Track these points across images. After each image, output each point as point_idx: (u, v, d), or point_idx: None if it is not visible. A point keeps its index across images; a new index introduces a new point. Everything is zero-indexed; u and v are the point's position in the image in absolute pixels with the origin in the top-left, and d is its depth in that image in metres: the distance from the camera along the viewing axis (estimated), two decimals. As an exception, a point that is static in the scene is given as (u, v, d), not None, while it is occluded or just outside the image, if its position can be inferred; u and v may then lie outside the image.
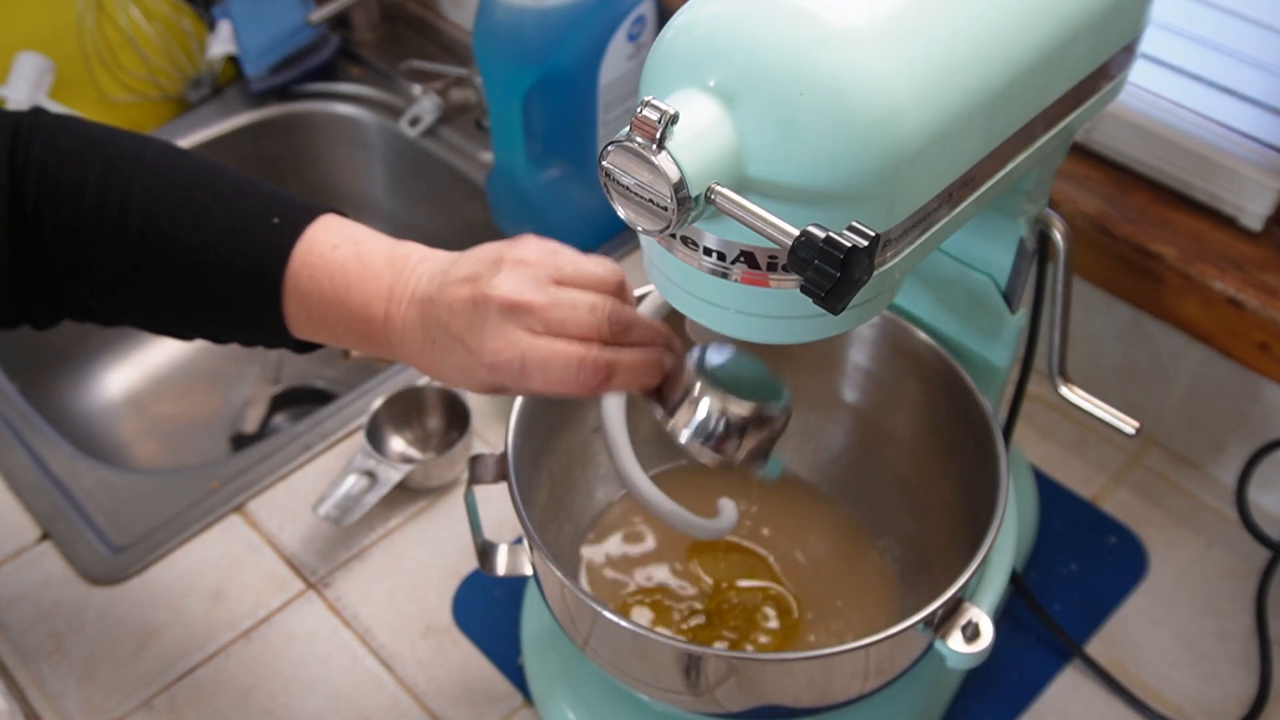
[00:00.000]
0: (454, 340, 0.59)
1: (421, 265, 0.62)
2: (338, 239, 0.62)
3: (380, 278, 0.61)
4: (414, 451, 0.97)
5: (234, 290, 0.62)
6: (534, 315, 0.57)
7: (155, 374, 1.27)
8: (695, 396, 0.63)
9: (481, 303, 0.57)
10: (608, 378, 0.58)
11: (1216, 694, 0.81)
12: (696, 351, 0.64)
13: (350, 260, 0.61)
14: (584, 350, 0.57)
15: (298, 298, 0.62)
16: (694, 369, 0.64)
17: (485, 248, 0.61)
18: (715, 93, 0.48)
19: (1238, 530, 0.87)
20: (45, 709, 0.81)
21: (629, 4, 1.00)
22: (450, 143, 1.27)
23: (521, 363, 0.57)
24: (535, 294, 0.57)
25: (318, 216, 0.63)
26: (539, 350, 0.57)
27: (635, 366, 0.59)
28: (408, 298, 0.61)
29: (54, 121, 0.63)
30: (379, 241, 0.63)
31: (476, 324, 0.58)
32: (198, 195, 0.62)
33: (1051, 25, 0.54)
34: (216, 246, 0.61)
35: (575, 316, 0.58)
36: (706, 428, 0.63)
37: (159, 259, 0.61)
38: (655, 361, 0.60)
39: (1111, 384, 0.95)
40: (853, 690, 0.66)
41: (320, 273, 0.61)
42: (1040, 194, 0.67)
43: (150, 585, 0.88)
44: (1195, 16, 0.81)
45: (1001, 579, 0.70)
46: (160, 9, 1.31)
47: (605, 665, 0.69)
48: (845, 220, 0.44)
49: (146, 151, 0.63)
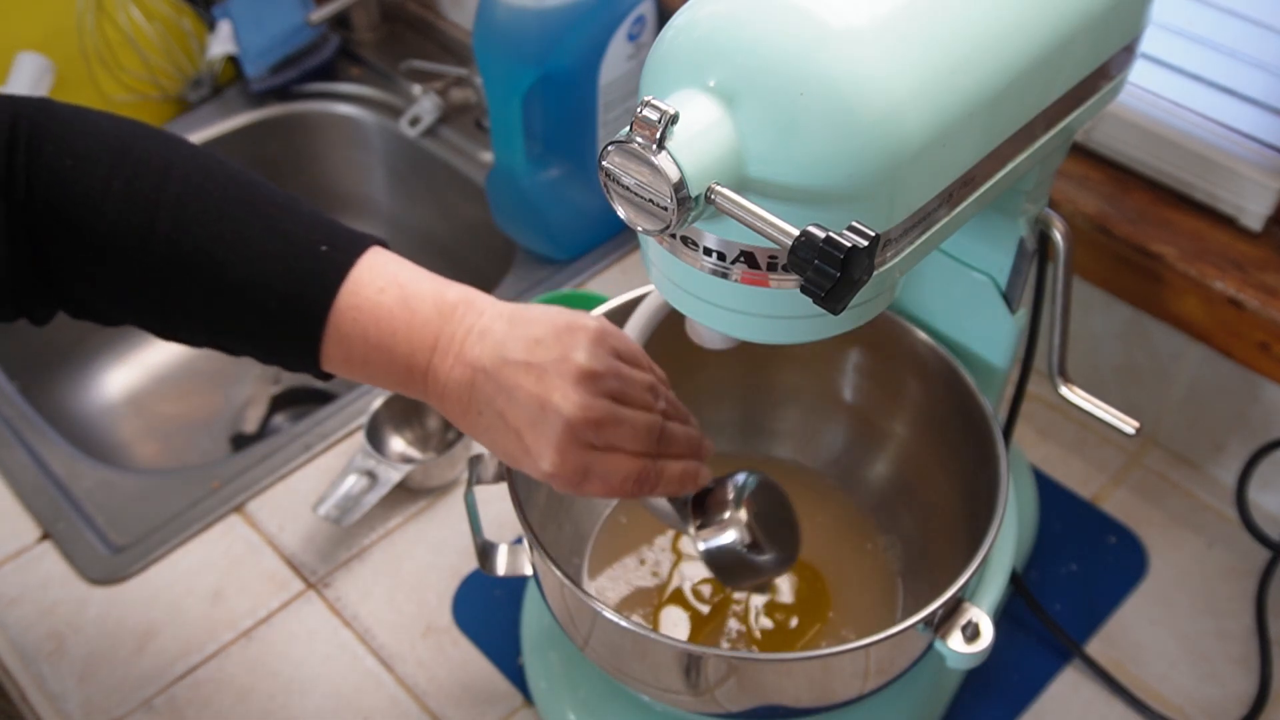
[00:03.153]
0: (508, 429, 0.60)
1: (469, 316, 0.61)
2: (383, 281, 0.60)
3: (427, 327, 0.60)
4: (414, 451, 0.97)
5: (271, 317, 0.60)
6: (599, 435, 0.59)
7: (155, 374, 1.27)
8: (726, 521, 0.69)
9: (549, 409, 0.58)
10: (654, 488, 0.62)
11: (1216, 694, 0.81)
12: (743, 477, 0.70)
13: (397, 306, 0.60)
14: (640, 466, 0.61)
15: (339, 339, 0.60)
16: (734, 498, 0.69)
17: (542, 319, 0.60)
18: (715, 93, 0.48)
19: (1238, 530, 0.87)
20: (45, 709, 0.81)
21: (629, 4, 1.00)
22: (450, 143, 1.27)
23: (584, 476, 0.60)
24: (601, 414, 0.59)
25: (364, 249, 0.61)
26: (600, 465, 0.60)
27: (676, 478, 0.64)
28: (454, 353, 0.60)
29: (66, 118, 0.60)
30: (424, 285, 0.61)
31: (539, 429, 0.59)
32: (234, 209, 0.60)
33: (1051, 25, 0.54)
34: (256, 268, 0.59)
35: (635, 434, 0.61)
36: (723, 556, 0.69)
37: (189, 275, 0.59)
38: (694, 473, 0.65)
39: (1111, 384, 0.95)
40: (853, 690, 0.66)
41: (365, 316, 0.60)
42: (1040, 194, 0.67)
43: (150, 585, 0.88)
44: (1195, 16, 0.81)
45: (1001, 579, 0.70)
46: (160, 9, 1.31)
47: (605, 665, 0.69)
48: (845, 220, 0.44)
49: (175, 157, 0.60)
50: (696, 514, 0.69)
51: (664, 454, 0.63)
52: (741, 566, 0.69)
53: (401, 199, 1.36)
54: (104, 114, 0.62)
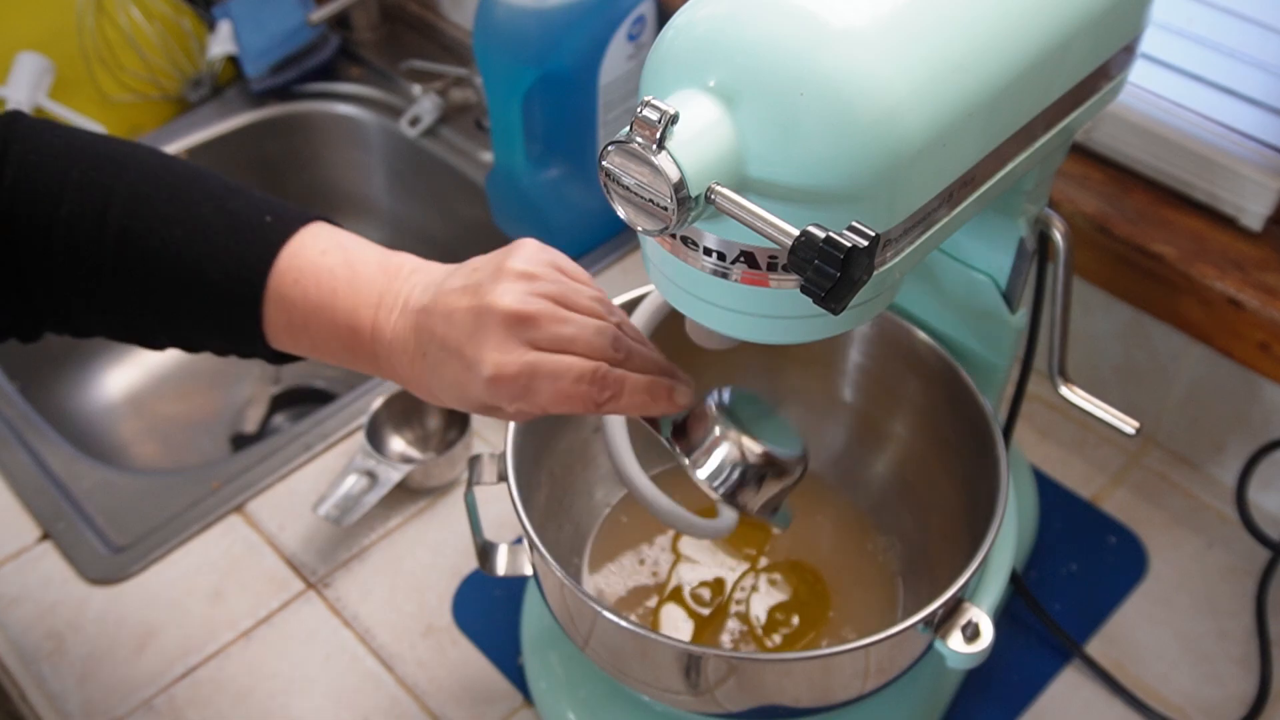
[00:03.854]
0: (450, 353, 0.57)
1: (415, 275, 0.60)
2: (327, 245, 0.60)
3: (371, 285, 0.59)
4: (414, 451, 0.97)
5: (212, 289, 0.59)
6: (540, 329, 0.56)
7: (155, 374, 1.27)
8: (717, 438, 0.63)
9: (484, 313, 0.55)
10: (616, 394, 0.57)
11: (1216, 694, 0.81)
12: (717, 394, 0.65)
13: (339, 266, 0.59)
14: (592, 365, 0.56)
15: (279, 303, 0.59)
16: (716, 412, 0.64)
17: (482, 258, 0.59)
18: (715, 93, 0.48)
19: (1238, 530, 0.87)
20: (45, 709, 0.81)
21: (629, 4, 1.00)
22: (450, 143, 1.27)
23: (530, 374, 0.55)
24: (542, 306, 0.56)
25: (310, 221, 0.61)
26: (548, 363, 0.56)
27: (642, 387, 0.59)
28: (399, 307, 0.59)
29: (37, 124, 0.60)
30: (370, 250, 0.61)
31: (478, 336, 0.56)
32: (185, 194, 0.59)
33: (1051, 25, 0.54)
34: (199, 242, 0.58)
35: (583, 335, 0.57)
36: (725, 473, 0.64)
37: (140, 259, 0.58)
38: (662, 386, 0.60)
39: (1111, 384, 0.95)
40: (853, 690, 0.66)
41: (306, 278, 0.59)
42: (1040, 194, 0.67)
43: (150, 585, 0.88)
44: (1195, 16, 0.81)
45: (1001, 579, 0.70)
46: (160, 9, 1.31)
47: (605, 665, 0.69)
48: (845, 220, 0.44)
49: (137, 152, 0.60)
50: (682, 445, 0.64)
51: (623, 365, 0.58)
52: (751, 482, 0.64)
53: (401, 199, 1.36)
54: (71, 126, 0.62)
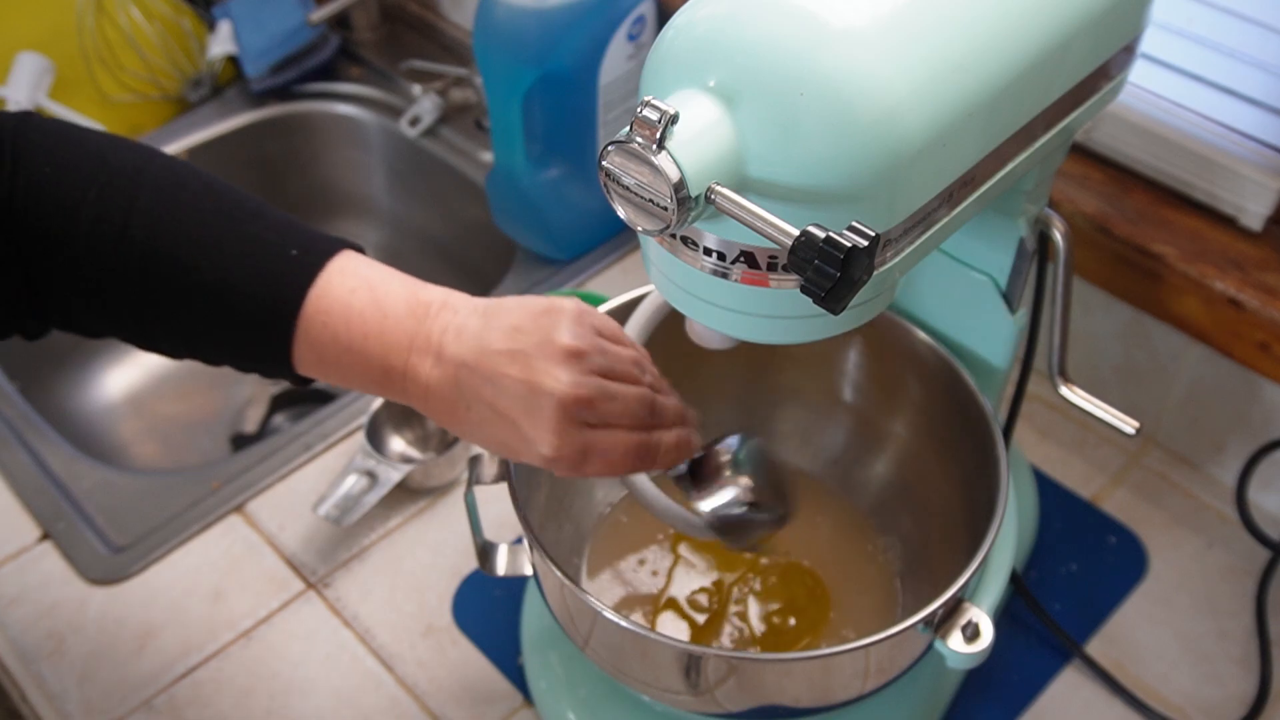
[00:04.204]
0: (501, 418, 0.59)
1: (444, 314, 0.60)
2: (354, 283, 0.60)
3: (400, 328, 0.60)
4: (414, 451, 0.97)
5: (242, 321, 0.60)
6: (593, 411, 0.59)
7: (155, 374, 1.27)
8: (724, 481, 0.69)
9: (539, 393, 0.58)
10: (654, 461, 0.62)
11: (1216, 694, 0.81)
12: (730, 441, 0.70)
13: (368, 307, 0.60)
14: (639, 440, 0.61)
15: (309, 343, 0.60)
16: (728, 459, 0.70)
17: (521, 312, 0.60)
18: (715, 93, 0.48)
19: (1238, 530, 0.87)
20: (45, 709, 0.81)
21: (629, 4, 1.00)
22: (450, 143, 1.27)
23: (584, 456, 0.59)
24: (594, 388, 0.59)
25: (336, 253, 0.61)
26: (601, 443, 0.59)
27: (673, 448, 0.63)
28: (433, 353, 0.60)
29: (49, 129, 0.61)
30: (396, 285, 0.61)
31: (534, 416, 0.58)
32: (206, 215, 0.60)
33: (1051, 25, 0.54)
34: (227, 273, 0.59)
35: (628, 410, 0.60)
36: (725, 516, 0.69)
37: (163, 281, 0.59)
38: (687, 440, 0.65)
39: (1111, 384, 0.95)
40: (853, 690, 0.66)
41: (336, 319, 0.59)
42: (1040, 194, 0.67)
43: (150, 585, 0.88)
44: (1195, 16, 0.81)
45: (1001, 579, 0.70)
46: (160, 9, 1.31)
47: (605, 665, 0.69)
48: (845, 220, 0.44)
49: (149, 166, 0.61)
50: (693, 481, 0.69)
51: (657, 426, 0.63)
52: (744, 525, 0.70)
53: (401, 199, 1.36)
54: (83, 127, 0.63)
